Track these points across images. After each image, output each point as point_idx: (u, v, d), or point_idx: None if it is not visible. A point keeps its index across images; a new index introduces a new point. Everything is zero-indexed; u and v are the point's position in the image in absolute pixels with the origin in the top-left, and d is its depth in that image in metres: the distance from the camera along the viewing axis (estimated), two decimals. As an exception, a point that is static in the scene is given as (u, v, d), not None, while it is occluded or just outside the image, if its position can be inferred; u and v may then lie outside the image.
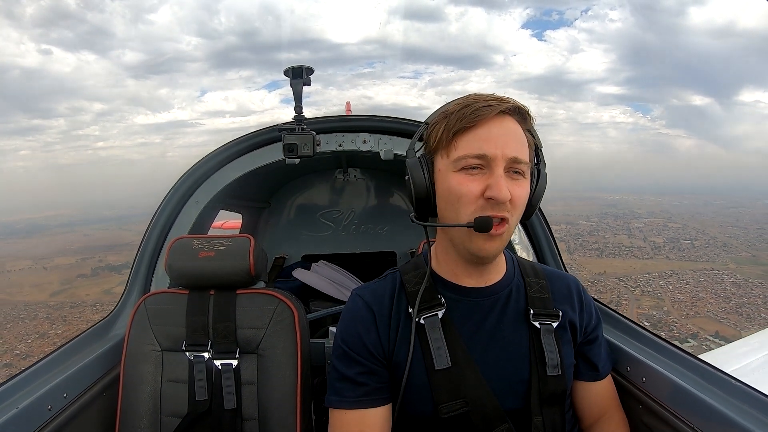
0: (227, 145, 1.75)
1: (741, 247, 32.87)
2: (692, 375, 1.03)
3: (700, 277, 27.72)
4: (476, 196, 0.88)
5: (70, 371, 1.26)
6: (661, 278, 27.26)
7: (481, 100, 0.89)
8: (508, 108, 0.89)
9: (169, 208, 1.71)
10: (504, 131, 0.88)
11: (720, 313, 23.24)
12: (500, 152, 0.87)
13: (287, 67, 1.49)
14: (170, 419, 1.33)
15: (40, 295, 27.33)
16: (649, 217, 40.86)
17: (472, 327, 0.98)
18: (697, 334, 20.62)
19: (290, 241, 3.01)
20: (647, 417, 1.08)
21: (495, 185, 0.86)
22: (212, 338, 1.37)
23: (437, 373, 0.93)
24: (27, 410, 1.09)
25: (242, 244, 1.41)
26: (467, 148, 0.88)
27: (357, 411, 0.95)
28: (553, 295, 1.04)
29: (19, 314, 23.74)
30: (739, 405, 0.90)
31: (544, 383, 0.96)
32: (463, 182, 0.89)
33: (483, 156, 0.87)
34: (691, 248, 32.37)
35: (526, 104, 0.92)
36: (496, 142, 0.87)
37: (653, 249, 32.24)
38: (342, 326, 1.01)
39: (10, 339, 20.66)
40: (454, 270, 1.01)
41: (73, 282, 29.16)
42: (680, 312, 23.35)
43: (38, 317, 23.40)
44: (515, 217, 0.90)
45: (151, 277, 1.68)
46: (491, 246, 0.90)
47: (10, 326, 22.06)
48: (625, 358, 1.16)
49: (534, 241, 1.67)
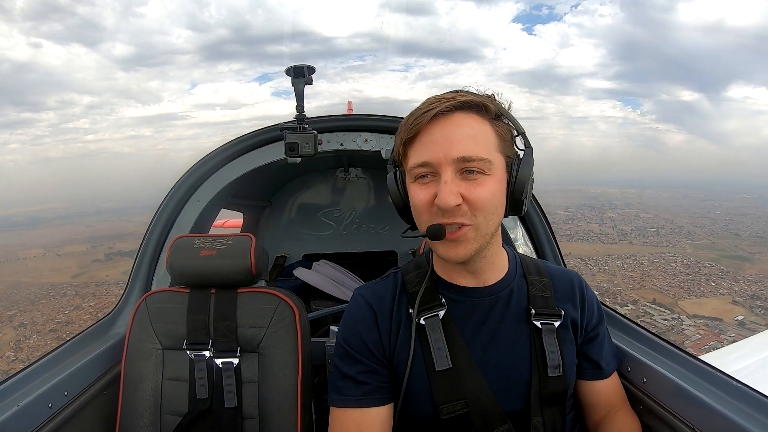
0: (228, 143, 1.75)
1: (703, 234, 35.76)
2: (693, 376, 1.03)
3: (655, 259, 30.64)
4: (428, 205, 0.87)
5: (71, 369, 1.27)
6: (620, 259, 30.21)
7: (425, 104, 0.87)
8: (448, 107, 0.85)
9: (171, 207, 1.72)
10: (448, 133, 0.85)
11: (663, 286, 26.36)
12: (443, 155, 0.84)
13: (289, 66, 1.49)
14: (171, 417, 1.34)
15: (62, 277, 29.30)
16: (625, 208, 43.27)
17: (473, 327, 0.97)
18: (636, 301, 23.89)
19: (291, 240, 3.01)
20: (648, 417, 1.08)
21: (440, 192, 0.84)
22: (213, 337, 1.37)
23: (437, 373, 0.93)
24: (28, 408, 1.10)
25: (243, 243, 1.41)
26: (414, 157, 0.88)
27: (357, 410, 0.95)
28: (556, 293, 1.03)
29: (48, 293, 26.00)
30: (739, 406, 0.90)
31: (545, 383, 0.95)
32: (416, 192, 0.88)
33: (426, 163, 0.85)
34: (656, 235, 35.29)
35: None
36: (438, 146, 0.84)
37: (620, 236, 35.05)
38: (344, 325, 1.01)
39: (48, 312, 23.34)
40: (448, 271, 1.00)
41: (89, 266, 31.11)
42: (628, 285, 26.62)
43: (67, 294, 25.54)
44: (480, 217, 0.86)
45: (152, 276, 1.68)
46: (456, 252, 0.88)
47: (44, 302, 24.66)
48: (626, 358, 1.16)
49: (534, 237, 1.67)
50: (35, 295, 26.17)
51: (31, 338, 20.30)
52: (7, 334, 21.03)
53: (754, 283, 26.13)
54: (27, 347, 19.34)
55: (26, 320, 22.43)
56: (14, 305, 24.26)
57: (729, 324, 21.61)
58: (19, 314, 23.12)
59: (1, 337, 20.79)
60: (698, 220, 39.39)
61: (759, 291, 25.06)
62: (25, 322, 22.15)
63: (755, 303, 23.92)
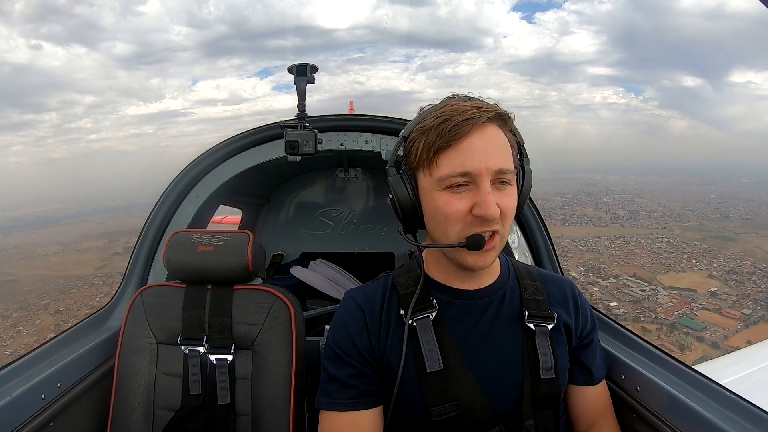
0: (229, 140, 1.75)
1: (694, 217, 36.75)
2: (687, 385, 1.03)
3: (642, 239, 31.84)
4: (464, 215, 0.86)
5: (65, 361, 1.26)
6: (608, 240, 31.50)
7: (459, 111, 0.85)
8: (488, 117, 0.86)
9: (169, 202, 1.71)
10: (486, 143, 0.85)
11: (645, 263, 27.68)
12: (484, 166, 0.84)
13: (291, 65, 1.49)
14: (163, 412, 1.33)
15: (86, 269, 30.56)
16: (621, 194, 44.02)
17: (465, 329, 0.97)
18: (618, 275, 25.47)
19: (289, 239, 3.01)
20: (641, 426, 1.08)
21: (483, 203, 0.84)
22: (208, 333, 1.37)
23: (428, 375, 0.93)
24: (20, 398, 1.09)
25: (241, 240, 1.41)
26: (450, 166, 0.85)
27: (346, 413, 0.94)
28: (548, 297, 1.03)
29: (76, 284, 27.31)
30: (732, 416, 0.90)
31: (537, 386, 0.95)
32: (449, 202, 0.87)
33: (467, 173, 0.85)
34: (647, 218, 36.35)
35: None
36: (479, 156, 0.84)
37: (612, 219, 36.16)
38: (334, 328, 1.01)
39: (80, 299, 24.46)
40: (446, 275, 1.00)
41: (111, 258, 31.95)
42: (612, 262, 28.06)
43: (95, 284, 26.55)
44: (506, 226, 0.89)
45: (148, 270, 1.68)
46: (484, 260, 0.89)
47: (74, 292, 25.96)
48: (620, 366, 1.16)
49: (531, 243, 1.67)
50: (64, 285, 27.19)
51: (69, 321, 21.53)
52: (45, 320, 22.10)
53: (733, 260, 27.19)
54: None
55: (61, 307, 23.51)
56: (46, 295, 25.24)
57: (702, 294, 22.82)
58: (52, 303, 24.07)
59: (40, 322, 21.88)
60: (691, 204, 40.28)
61: (737, 267, 26.05)
62: (61, 309, 23.21)
63: (730, 277, 24.92)
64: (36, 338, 19.92)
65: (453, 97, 0.93)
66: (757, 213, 37.13)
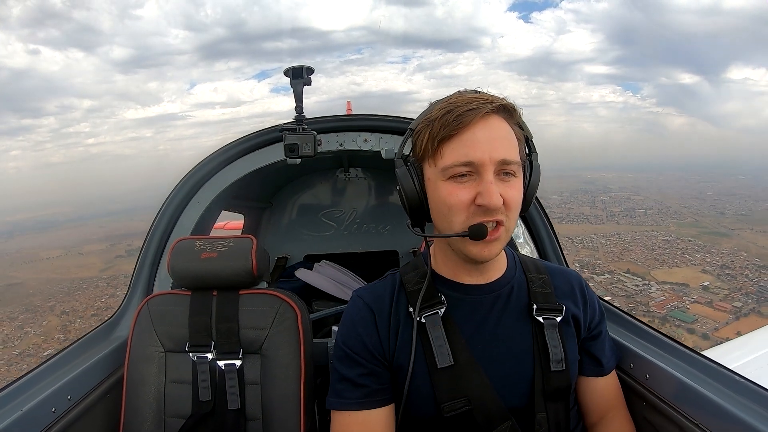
0: (228, 145, 1.75)
1: (689, 214, 37.56)
2: (696, 372, 1.02)
3: (638, 236, 32.59)
4: (467, 205, 0.86)
5: (74, 373, 1.27)
6: (604, 237, 32.34)
7: (463, 103, 0.86)
8: (492, 108, 0.86)
9: (171, 210, 1.72)
10: (490, 133, 0.86)
11: (640, 259, 28.58)
12: (488, 156, 0.84)
13: (287, 68, 1.49)
14: (174, 420, 1.34)
15: (90, 272, 31.01)
16: (618, 191, 44.74)
17: (474, 324, 0.97)
18: (612, 271, 26.55)
19: (292, 241, 3.01)
20: (651, 414, 1.08)
21: (485, 192, 0.84)
22: (215, 339, 1.37)
23: (439, 371, 0.93)
24: (31, 412, 1.10)
25: (244, 245, 1.41)
26: (453, 156, 0.86)
27: (358, 413, 0.94)
28: (556, 290, 1.03)
29: (81, 286, 27.80)
30: (743, 401, 0.90)
31: (548, 379, 0.95)
32: (452, 191, 0.87)
33: (470, 163, 0.85)
34: (643, 215, 37.09)
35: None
36: (482, 146, 0.85)
37: (608, 216, 36.86)
38: (343, 328, 1.01)
39: (86, 300, 25.31)
40: (453, 270, 1.00)
41: (114, 261, 32.56)
42: (607, 258, 29.22)
43: (99, 286, 27.17)
44: (511, 218, 0.89)
45: (153, 279, 1.68)
46: (489, 250, 0.89)
47: (79, 293, 26.68)
48: (629, 354, 1.16)
49: (535, 236, 1.67)
50: (69, 288, 27.67)
51: (76, 322, 21.80)
52: (52, 321, 22.91)
53: (726, 255, 28.01)
54: (73, 329, 20.90)
55: (67, 309, 23.98)
56: (51, 297, 25.73)
57: (694, 288, 23.40)
58: (58, 305, 24.53)
59: (47, 323, 22.68)
60: (687, 201, 40.89)
61: (729, 261, 26.92)
62: (67, 311, 23.69)
63: (723, 272, 25.47)
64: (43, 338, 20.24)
65: (461, 91, 0.93)
66: (753, 209, 37.69)
